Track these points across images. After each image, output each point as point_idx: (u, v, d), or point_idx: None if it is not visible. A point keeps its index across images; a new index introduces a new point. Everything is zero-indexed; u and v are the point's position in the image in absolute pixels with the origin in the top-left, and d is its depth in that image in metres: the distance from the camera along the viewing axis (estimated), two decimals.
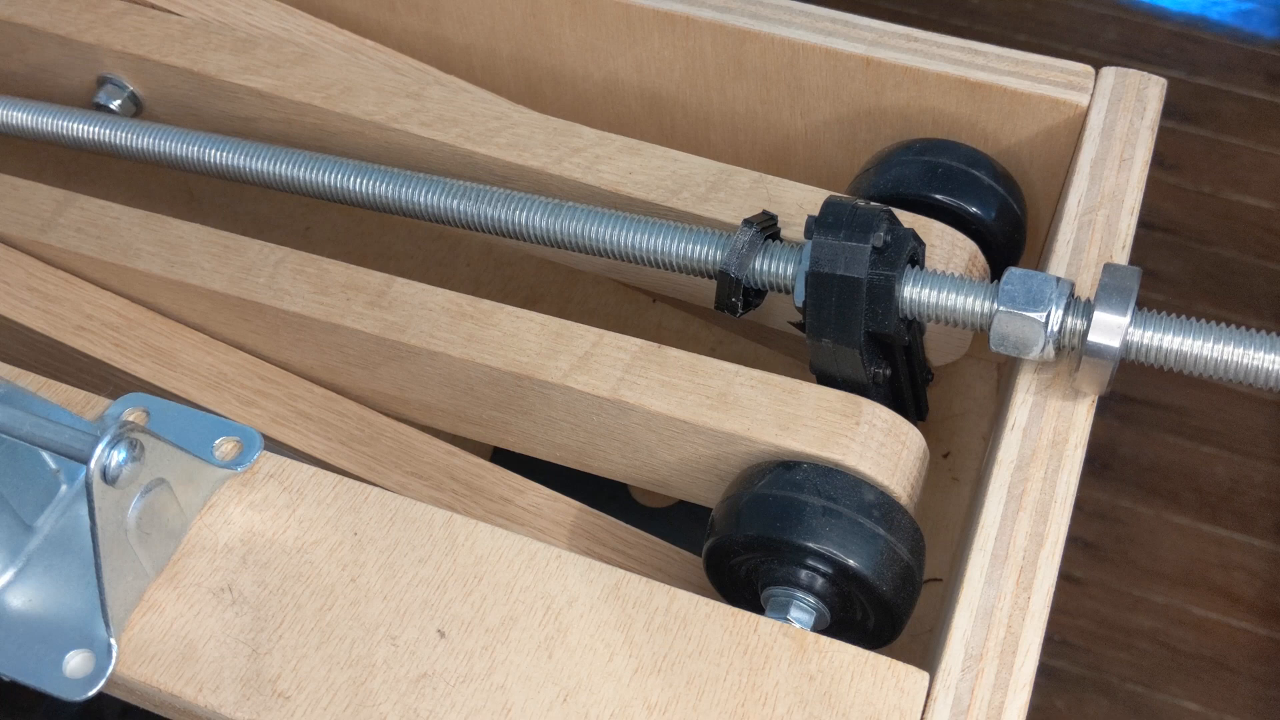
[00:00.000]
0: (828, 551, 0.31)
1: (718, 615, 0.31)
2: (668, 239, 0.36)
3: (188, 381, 0.39)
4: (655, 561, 0.37)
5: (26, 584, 0.31)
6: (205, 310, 0.40)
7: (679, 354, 0.35)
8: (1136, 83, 0.40)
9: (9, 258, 0.41)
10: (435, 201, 0.39)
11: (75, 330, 0.40)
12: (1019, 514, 0.32)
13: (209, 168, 0.42)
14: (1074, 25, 0.42)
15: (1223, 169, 0.61)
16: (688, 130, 0.48)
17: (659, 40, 0.45)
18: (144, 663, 0.30)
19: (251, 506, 0.33)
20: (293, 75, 0.43)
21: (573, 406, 0.35)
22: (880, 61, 0.42)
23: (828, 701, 0.29)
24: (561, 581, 0.31)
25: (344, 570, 0.32)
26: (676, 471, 0.36)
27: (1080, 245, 0.38)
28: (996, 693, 0.29)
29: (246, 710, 0.30)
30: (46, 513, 0.32)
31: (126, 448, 0.29)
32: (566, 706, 0.29)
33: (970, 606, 0.31)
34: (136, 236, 0.40)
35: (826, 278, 0.32)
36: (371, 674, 0.30)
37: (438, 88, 0.43)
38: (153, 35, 0.45)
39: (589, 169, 0.40)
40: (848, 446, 0.32)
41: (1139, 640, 0.45)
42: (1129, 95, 0.40)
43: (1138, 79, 0.40)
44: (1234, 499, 0.49)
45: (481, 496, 0.38)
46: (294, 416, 0.39)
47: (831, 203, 0.33)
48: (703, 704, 0.29)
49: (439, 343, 0.36)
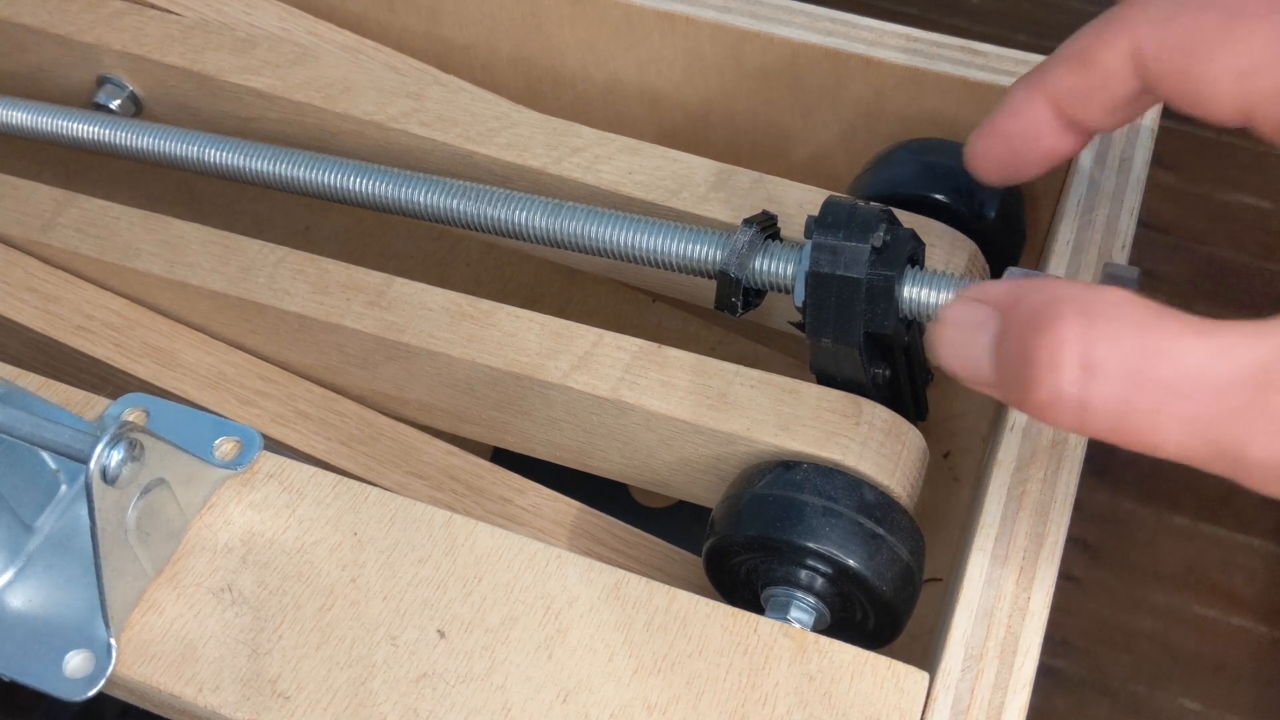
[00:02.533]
0: (828, 551, 0.31)
1: (718, 615, 0.31)
2: (667, 239, 0.36)
3: (188, 381, 0.39)
4: (655, 561, 0.37)
5: (26, 584, 0.31)
6: (205, 310, 0.40)
7: (679, 354, 0.35)
8: None
9: (9, 258, 0.41)
10: (435, 201, 0.39)
11: (75, 330, 0.40)
12: (1019, 514, 0.32)
13: (209, 168, 0.42)
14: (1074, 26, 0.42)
15: (1220, 169, 0.61)
16: (688, 130, 0.48)
17: (659, 40, 0.45)
18: (144, 663, 0.30)
19: (251, 506, 0.33)
20: (293, 75, 0.43)
21: (573, 406, 0.35)
22: (880, 61, 0.42)
23: (828, 701, 0.29)
24: (561, 581, 0.31)
25: (344, 570, 0.32)
26: (676, 471, 0.36)
27: (1080, 245, 0.38)
28: (996, 693, 0.29)
29: (246, 710, 0.30)
30: (46, 513, 0.32)
31: (126, 448, 0.29)
32: (566, 706, 0.29)
33: (970, 606, 0.31)
34: (137, 236, 0.40)
35: (826, 277, 0.32)
36: (371, 674, 0.30)
37: (438, 88, 0.43)
38: (152, 35, 0.45)
39: (589, 169, 0.40)
40: (847, 446, 0.32)
41: (1139, 640, 0.45)
42: None
43: None
44: (1233, 500, 0.49)
45: (481, 496, 0.38)
46: (294, 416, 0.39)
47: (831, 203, 0.33)
48: (703, 704, 0.29)
49: (439, 343, 0.36)
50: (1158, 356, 0.24)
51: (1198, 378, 0.23)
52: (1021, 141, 0.31)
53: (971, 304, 0.27)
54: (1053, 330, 0.24)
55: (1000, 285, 0.27)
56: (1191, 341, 0.24)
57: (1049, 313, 0.25)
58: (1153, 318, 0.24)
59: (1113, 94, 0.29)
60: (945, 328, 0.27)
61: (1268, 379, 0.23)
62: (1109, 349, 0.24)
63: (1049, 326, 0.24)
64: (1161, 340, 0.24)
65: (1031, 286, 0.26)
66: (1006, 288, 0.27)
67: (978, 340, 0.26)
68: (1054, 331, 0.24)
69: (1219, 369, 0.23)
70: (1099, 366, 0.24)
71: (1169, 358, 0.24)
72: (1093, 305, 0.24)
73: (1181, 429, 0.24)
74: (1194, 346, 0.23)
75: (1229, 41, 0.26)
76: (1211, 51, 0.26)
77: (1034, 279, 0.27)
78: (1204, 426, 0.23)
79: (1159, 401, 0.24)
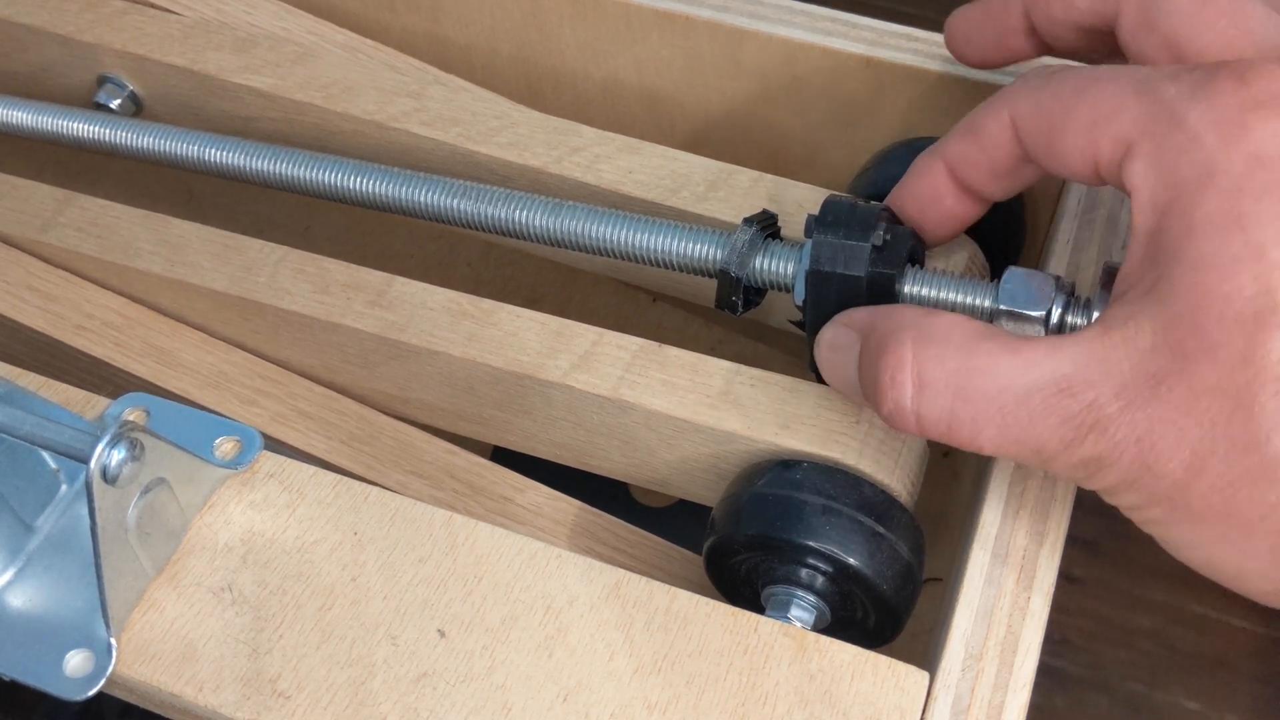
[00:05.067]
0: (828, 550, 0.31)
1: (718, 615, 0.31)
2: (668, 238, 0.36)
3: (188, 381, 0.39)
4: (655, 561, 0.37)
5: (26, 584, 0.31)
6: (205, 309, 0.40)
7: (679, 353, 0.35)
8: None
9: (9, 257, 0.41)
10: (435, 201, 0.39)
11: (75, 329, 0.40)
12: (1019, 513, 0.32)
13: (209, 167, 0.42)
14: None
15: None
16: (687, 130, 0.48)
17: (658, 39, 0.45)
18: (144, 662, 0.30)
19: (252, 506, 0.33)
20: (293, 74, 0.43)
21: (573, 405, 0.35)
22: (880, 61, 0.42)
23: (828, 701, 0.29)
24: (561, 581, 0.31)
25: (344, 570, 0.32)
26: (677, 470, 0.36)
27: (1080, 244, 0.38)
28: (997, 692, 0.29)
29: (247, 710, 0.30)
30: (46, 512, 0.32)
31: (126, 447, 0.29)
32: (566, 706, 0.29)
33: (970, 606, 0.31)
34: (137, 236, 0.40)
35: (827, 276, 0.32)
36: (372, 674, 0.30)
37: (438, 87, 0.43)
38: (153, 35, 0.45)
39: (589, 168, 0.40)
40: (848, 445, 0.32)
41: (1139, 639, 0.45)
42: None
43: None
44: None
45: (482, 495, 0.38)
46: (294, 415, 0.39)
47: (831, 202, 0.33)
48: (703, 703, 0.29)
49: (439, 342, 0.36)
50: (976, 373, 0.28)
51: (1007, 388, 0.27)
52: (927, 203, 0.34)
53: (841, 329, 0.32)
54: (893, 353, 0.29)
55: (862, 312, 0.31)
56: (1002, 359, 0.28)
57: (892, 339, 0.29)
58: (973, 340, 0.28)
59: (995, 160, 0.32)
60: (821, 349, 0.32)
61: (1060, 386, 0.27)
62: (936, 368, 0.28)
63: (891, 350, 0.29)
64: (979, 359, 0.28)
65: (883, 314, 0.30)
66: (866, 314, 0.31)
67: (848, 361, 0.31)
68: (894, 354, 0.29)
69: (1024, 380, 0.27)
70: (928, 384, 0.28)
71: (984, 374, 0.28)
72: (926, 330, 0.29)
73: (996, 431, 0.28)
74: (1005, 363, 0.28)
75: (1083, 99, 0.29)
76: (1070, 111, 0.29)
77: (885, 307, 0.31)
78: (1013, 428, 0.28)
79: (976, 410, 0.28)
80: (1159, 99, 0.28)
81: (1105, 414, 0.27)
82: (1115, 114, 0.28)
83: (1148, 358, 0.26)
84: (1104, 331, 0.27)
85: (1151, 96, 0.28)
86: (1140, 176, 0.28)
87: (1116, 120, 0.28)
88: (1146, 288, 0.27)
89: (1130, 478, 0.27)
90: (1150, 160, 0.28)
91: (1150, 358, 0.26)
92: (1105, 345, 0.27)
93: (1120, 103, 0.28)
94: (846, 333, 0.31)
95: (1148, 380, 0.26)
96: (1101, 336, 0.27)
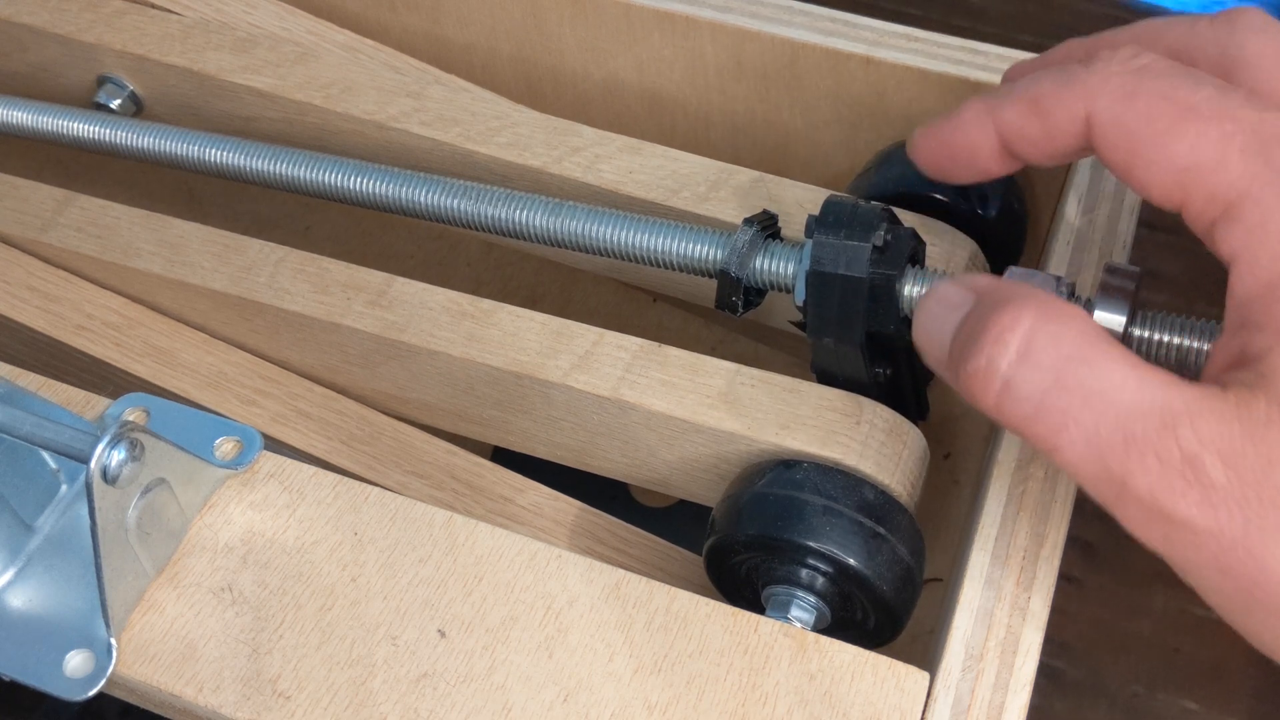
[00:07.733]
0: (828, 551, 0.31)
1: (718, 615, 0.31)
2: (668, 238, 0.36)
3: (188, 381, 0.39)
4: (655, 561, 0.37)
5: (26, 584, 0.31)
6: (205, 309, 0.40)
7: (679, 353, 0.35)
8: None
9: (9, 257, 0.41)
10: (435, 201, 0.39)
11: (75, 330, 0.40)
12: (1019, 514, 0.32)
13: (209, 167, 0.42)
14: (1076, 26, 0.42)
15: None
16: (688, 130, 0.48)
17: (659, 40, 0.45)
18: (144, 662, 0.30)
19: (252, 506, 0.33)
20: (293, 74, 0.43)
21: (573, 405, 0.35)
22: (881, 61, 0.42)
23: (828, 701, 0.29)
24: (562, 581, 0.31)
25: (344, 570, 0.32)
26: (677, 470, 0.36)
27: (1080, 245, 0.38)
28: (996, 693, 0.29)
29: (247, 710, 0.30)
30: (46, 513, 0.32)
31: (126, 447, 0.29)
32: (566, 706, 0.29)
33: (970, 606, 0.31)
34: (137, 236, 0.40)
35: (827, 277, 0.32)
36: (372, 674, 0.30)
37: (438, 87, 0.43)
38: (153, 35, 0.45)
39: (589, 168, 0.40)
40: (848, 446, 0.32)
41: (1138, 642, 0.45)
42: None
43: None
44: None
45: (482, 495, 0.38)
46: (294, 416, 0.39)
47: (832, 202, 0.33)
48: (703, 704, 0.29)
49: (439, 342, 0.36)
50: (1085, 365, 0.26)
51: (1111, 397, 0.25)
52: (961, 152, 0.32)
53: (960, 288, 0.29)
54: (1009, 312, 0.26)
55: (987, 277, 0.29)
56: (1119, 366, 0.25)
57: (1014, 302, 0.27)
58: (1097, 337, 0.26)
59: (1058, 145, 0.30)
60: (928, 300, 0.29)
61: (1170, 421, 0.25)
62: (1048, 343, 0.26)
63: (1009, 310, 0.27)
64: (1095, 354, 0.26)
65: (1012, 284, 0.28)
66: (991, 280, 0.29)
67: (950, 318, 0.28)
68: (1010, 314, 0.26)
69: (1131, 396, 0.25)
70: (1034, 355, 0.26)
71: (1093, 370, 0.25)
72: (1052, 308, 0.26)
73: (1082, 438, 0.25)
74: (1119, 370, 0.25)
75: (1178, 138, 0.27)
76: (1161, 143, 0.28)
77: (1014, 282, 0.29)
78: (1101, 444, 0.25)
79: (1071, 405, 0.25)
80: (1270, 163, 0.26)
81: (1209, 477, 0.24)
82: (1216, 169, 0.27)
83: (1261, 429, 0.24)
84: (1221, 389, 0.25)
85: (1263, 159, 0.26)
86: (1243, 246, 0.26)
87: (1216, 176, 0.27)
88: (1256, 354, 0.25)
89: (1223, 565, 0.25)
90: (1257, 232, 0.26)
91: (1266, 430, 0.24)
92: (1222, 400, 0.25)
93: (1224, 157, 0.27)
94: (964, 293, 0.28)
95: (1263, 461, 0.24)
96: (1220, 392, 0.25)
